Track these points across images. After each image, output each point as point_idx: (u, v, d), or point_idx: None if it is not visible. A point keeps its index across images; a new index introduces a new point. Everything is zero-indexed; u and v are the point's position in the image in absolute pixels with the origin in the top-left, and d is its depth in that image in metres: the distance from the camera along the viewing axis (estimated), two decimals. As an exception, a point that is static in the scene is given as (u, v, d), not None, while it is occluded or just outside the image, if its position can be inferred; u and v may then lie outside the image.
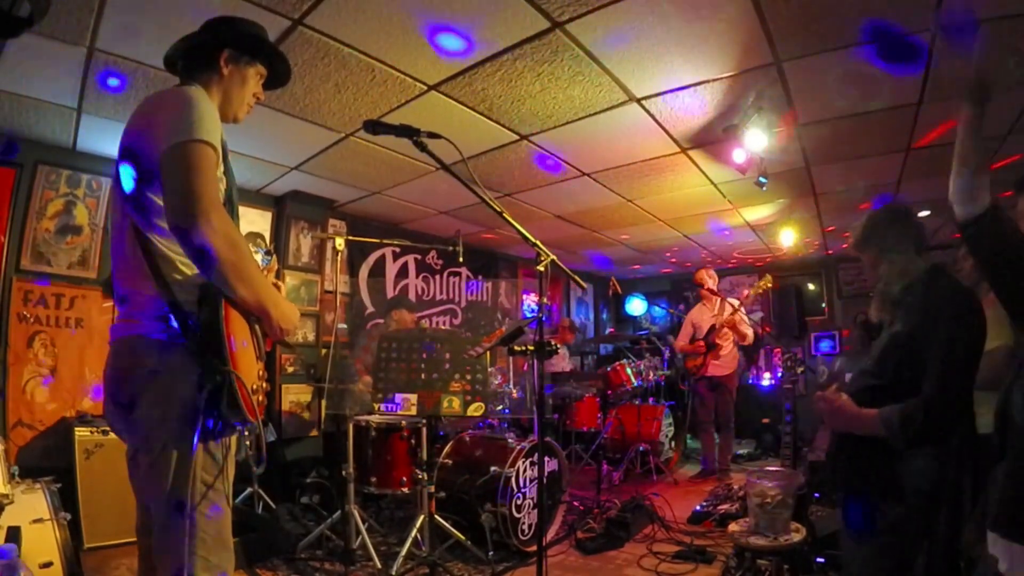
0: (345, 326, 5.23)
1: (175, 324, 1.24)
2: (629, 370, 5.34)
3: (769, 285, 4.97)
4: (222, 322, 1.22)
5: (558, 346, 2.03)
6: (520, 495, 3.18)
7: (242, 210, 1.67)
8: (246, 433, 1.35)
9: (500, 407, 3.95)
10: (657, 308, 8.44)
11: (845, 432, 1.63)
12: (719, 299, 5.20)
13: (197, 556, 1.20)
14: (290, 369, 4.68)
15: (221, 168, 1.31)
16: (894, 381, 1.55)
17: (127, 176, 1.30)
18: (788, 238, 5.95)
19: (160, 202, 1.25)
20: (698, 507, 3.82)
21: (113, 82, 2.80)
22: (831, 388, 1.66)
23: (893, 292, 1.65)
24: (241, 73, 1.46)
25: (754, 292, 5.12)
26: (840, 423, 1.62)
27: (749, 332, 5.04)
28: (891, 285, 1.65)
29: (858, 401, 1.59)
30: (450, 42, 2.52)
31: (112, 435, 3.11)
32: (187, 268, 1.29)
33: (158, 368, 1.23)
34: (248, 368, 1.28)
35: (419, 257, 6.01)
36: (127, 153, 1.30)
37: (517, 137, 3.54)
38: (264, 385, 1.39)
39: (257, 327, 1.38)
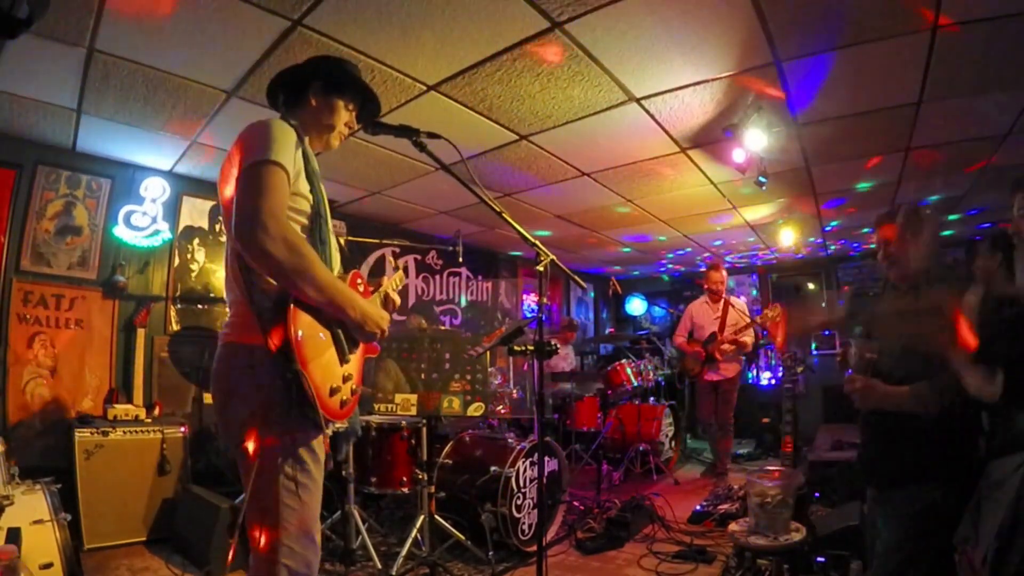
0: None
1: (260, 331, 1.32)
2: (629, 370, 5.34)
3: (778, 318, 4.79)
4: (288, 323, 1.29)
5: (558, 346, 2.03)
6: (520, 495, 3.18)
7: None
8: (329, 433, 1.43)
9: (500, 407, 3.95)
10: (657, 308, 8.44)
11: (876, 408, 1.74)
12: (724, 302, 5.11)
13: (282, 544, 1.31)
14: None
15: (304, 186, 1.41)
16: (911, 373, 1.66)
17: (225, 197, 1.40)
18: (788, 238, 5.95)
19: None
20: (698, 507, 3.81)
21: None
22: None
23: (914, 270, 1.79)
24: (329, 105, 1.58)
25: (762, 321, 4.91)
26: (872, 401, 1.73)
27: (749, 340, 4.99)
28: (916, 264, 1.79)
29: None
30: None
31: (112, 435, 3.11)
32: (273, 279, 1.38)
33: (246, 371, 1.34)
34: (323, 369, 1.36)
35: (419, 257, 6.01)
36: (225, 177, 1.42)
37: (517, 137, 3.53)
38: (351, 387, 1.48)
39: (340, 330, 1.45)
